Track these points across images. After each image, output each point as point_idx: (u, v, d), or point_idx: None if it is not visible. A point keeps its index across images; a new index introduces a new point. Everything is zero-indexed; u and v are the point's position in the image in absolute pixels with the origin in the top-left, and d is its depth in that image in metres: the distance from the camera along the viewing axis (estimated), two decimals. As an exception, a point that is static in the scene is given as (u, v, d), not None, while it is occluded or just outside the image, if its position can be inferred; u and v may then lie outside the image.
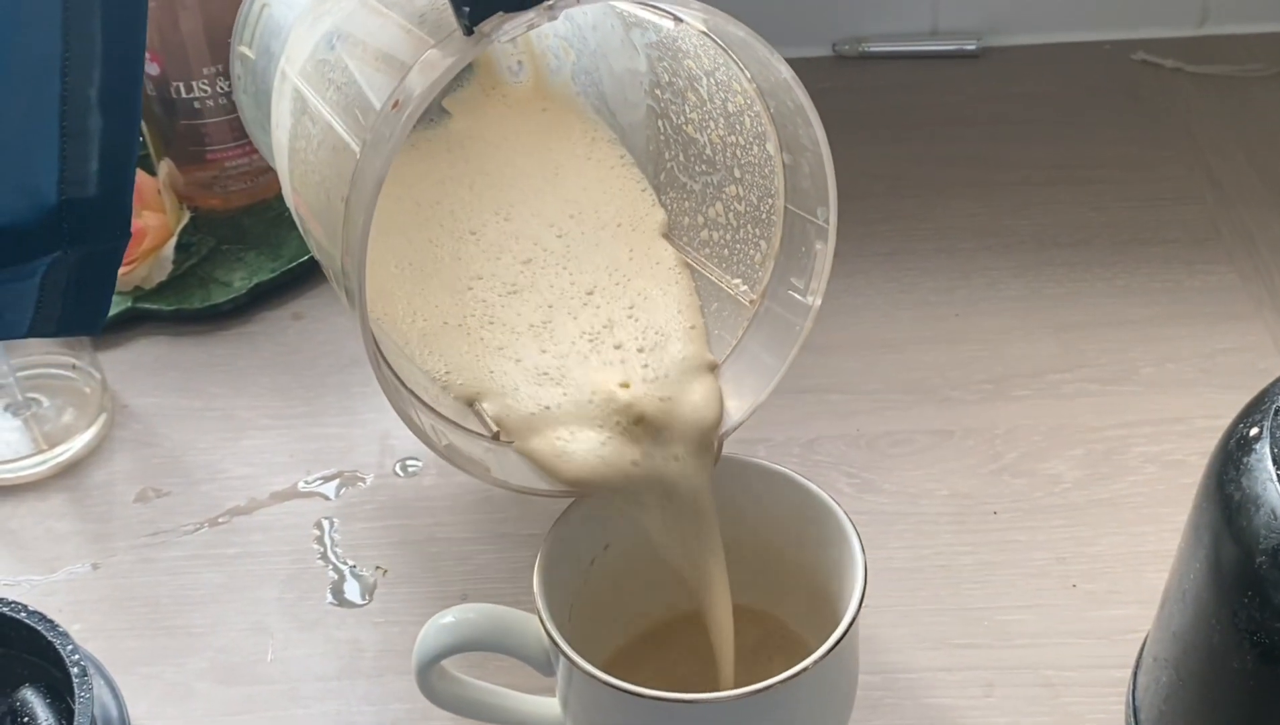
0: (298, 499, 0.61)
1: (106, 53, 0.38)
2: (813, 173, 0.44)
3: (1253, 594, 0.38)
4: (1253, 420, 0.40)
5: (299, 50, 0.45)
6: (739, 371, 0.48)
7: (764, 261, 0.47)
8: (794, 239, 0.47)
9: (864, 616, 0.44)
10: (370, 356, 0.41)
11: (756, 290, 0.48)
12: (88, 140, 0.40)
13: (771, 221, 0.46)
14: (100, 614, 0.57)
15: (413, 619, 0.54)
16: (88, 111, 0.39)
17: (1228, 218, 0.72)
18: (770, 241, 0.47)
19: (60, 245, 0.41)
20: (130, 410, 0.66)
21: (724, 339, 0.49)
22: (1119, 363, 0.64)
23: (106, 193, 0.41)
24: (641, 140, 0.50)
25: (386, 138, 0.38)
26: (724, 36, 0.41)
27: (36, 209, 0.40)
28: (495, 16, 0.37)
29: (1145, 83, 0.81)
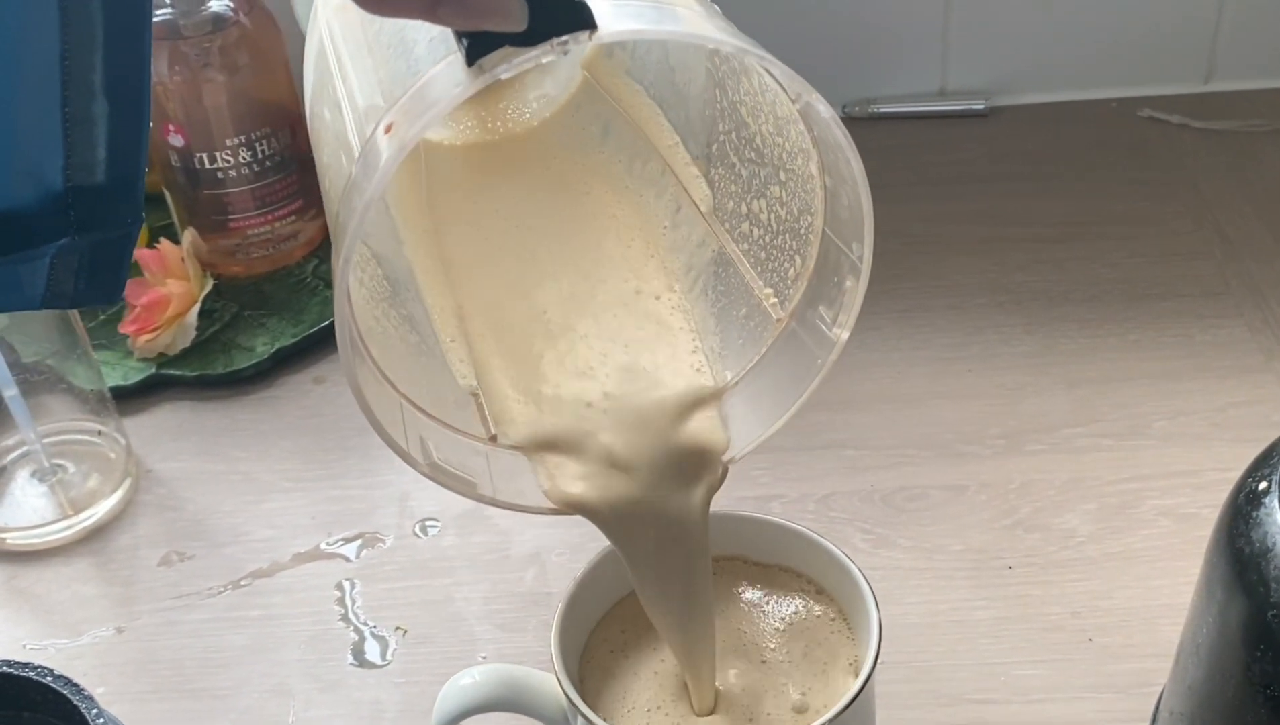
0: (319, 560, 0.62)
1: (109, 36, 0.37)
2: (851, 206, 0.43)
3: (1265, 648, 0.38)
4: (1261, 474, 0.41)
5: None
6: (755, 393, 0.47)
7: (796, 279, 0.46)
8: (828, 265, 0.45)
9: (880, 672, 0.44)
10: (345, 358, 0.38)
11: (786, 307, 0.46)
12: (93, 126, 0.39)
13: (808, 240, 0.45)
14: (125, 677, 0.57)
15: (432, 679, 0.54)
16: (91, 97, 0.38)
17: (1237, 271, 0.72)
18: (805, 260, 0.45)
19: (68, 232, 0.39)
20: (154, 475, 0.67)
21: (746, 351, 0.47)
22: (1131, 417, 0.65)
23: (116, 180, 0.39)
24: (699, 106, 0.47)
25: (374, 170, 0.35)
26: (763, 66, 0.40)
27: (42, 195, 0.39)
28: (500, 52, 0.33)
29: (1152, 139, 0.82)
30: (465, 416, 0.45)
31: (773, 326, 0.47)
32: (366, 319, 0.42)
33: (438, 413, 0.45)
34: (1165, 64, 0.85)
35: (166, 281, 0.71)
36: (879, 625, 0.44)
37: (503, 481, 0.45)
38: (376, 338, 0.42)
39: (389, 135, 0.35)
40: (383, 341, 0.43)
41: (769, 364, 0.47)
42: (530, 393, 0.44)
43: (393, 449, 0.42)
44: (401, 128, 0.35)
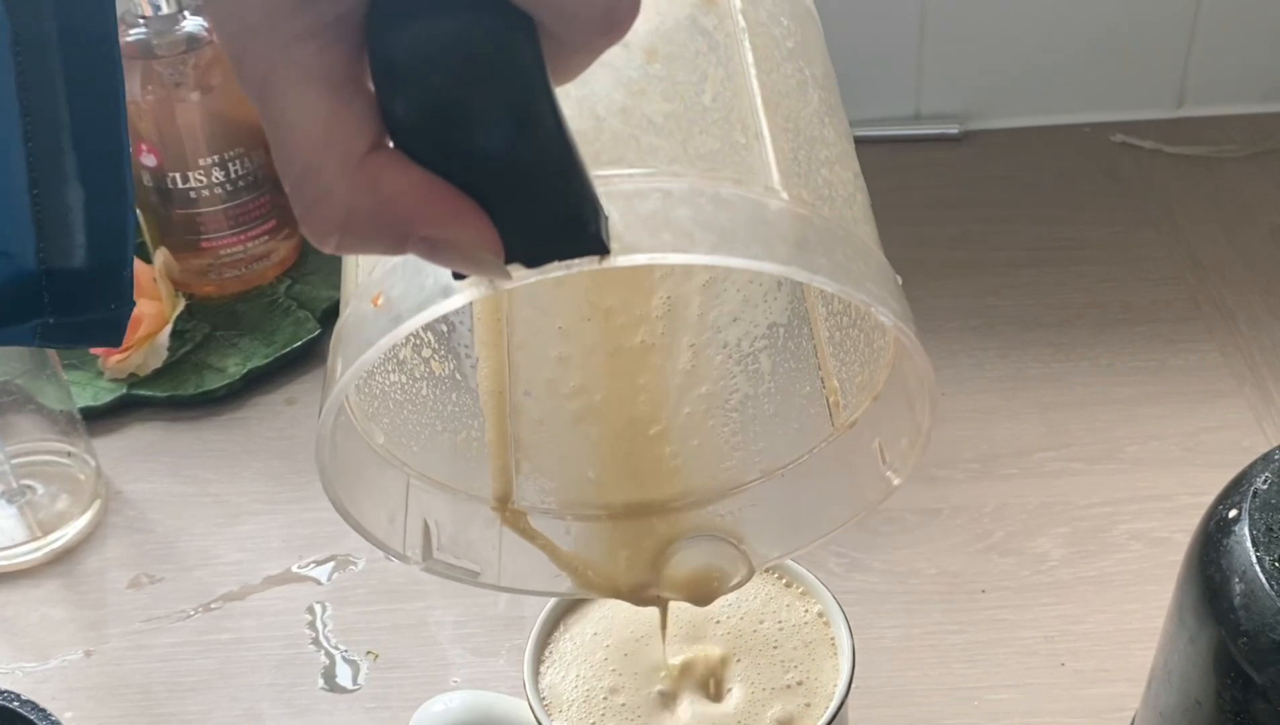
0: (290, 584, 0.61)
1: (76, 122, 0.37)
2: (919, 379, 0.39)
3: (1235, 675, 0.38)
4: (1231, 502, 0.41)
5: None
6: (791, 491, 0.44)
7: (861, 392, 0.42)
8: (892, 405, 0.42)
9: (853, 697, 0.44)
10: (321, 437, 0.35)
11: (845, 416, 0.43)
12: (68, 212, 0.38)
13: (879, 361, 0.42)
14: (93, 702, 0.57)
15: (404, 704, 0.54)
16: (63, 181, 0.38)
17: (1209, 296, 0.73)
18: (874, 376, 0.42)
19: (42, 313, 0.40)
20: (124, 496, 0.66)
21: (792, 435, 0.44)
22: (1104, 441, 0.65)
23: (99, 266, 0.39)
24: None
25: (366, 340, 0.30)
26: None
27: (13, 274, 0.38)
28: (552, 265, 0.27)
29: (1125, 164, 0.83)
30: (483, 478, 0.43)
31: (825, 426, 0.43)
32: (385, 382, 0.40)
33: (453, 480, 0.43)
34: (1138, 89, 0.85)
35: (138, 301, 0.70)
36: (852, 650, 0.44)
37: (511, 559, 0.44)
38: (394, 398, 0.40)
39: (378, 309, 0.31)
40: (400, 401, 0.41)
41: (809, 470, 0.44)
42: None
43: (387, 552, 0.41)
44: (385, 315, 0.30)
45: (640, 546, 0.44)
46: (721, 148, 0.31)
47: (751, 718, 0.43)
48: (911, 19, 0.83)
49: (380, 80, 0.24)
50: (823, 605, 0.46)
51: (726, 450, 0.44)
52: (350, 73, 0.24)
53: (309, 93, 0.24)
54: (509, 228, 0.25)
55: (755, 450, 0.44)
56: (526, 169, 0.24)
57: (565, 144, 0.24)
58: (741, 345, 0.43)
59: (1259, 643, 0.38)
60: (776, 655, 0.44)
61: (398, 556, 0.40)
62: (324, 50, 0.24)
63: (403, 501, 0.42)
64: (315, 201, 0.24)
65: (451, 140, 0.24)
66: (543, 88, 0.24)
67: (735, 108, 0.32)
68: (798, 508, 0.44)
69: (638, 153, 0.30)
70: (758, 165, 0.31)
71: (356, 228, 0.24)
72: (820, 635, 0.45)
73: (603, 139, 0.30)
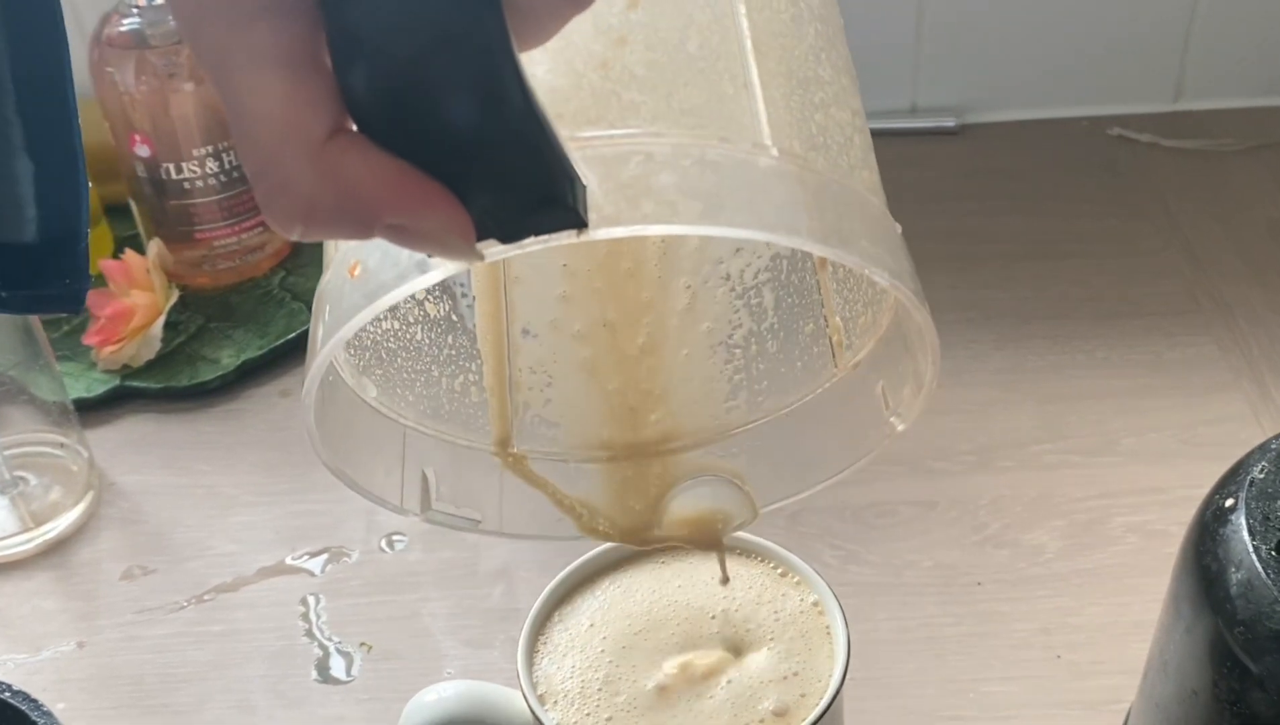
0: (284, 575, 0.61)
1: (20, 91, 0.37)
2: (920, 331, 0.38)
3: (1232, 664, 0.38)
4: (1228, 492, 0.41)
5: None
6: (794, 432, 0.43)
7: (864, 332, 0.42)
8: (896, 350, 0.41)
9: (849, 688, 0.44)
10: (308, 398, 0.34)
11: (848, 357, 0.42)
12: (16, 184, 0.38)
13: (882, 305, 0.41)
14: (86, 693, 0.57)
15: (397, 696, 0.54)
16: (11, 154, 0.38)
17: (1205, 289, 0.73)
18: (877, 318, 0.41)
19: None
20: (117, 488, 0.66)
21: (796, 375, 0.43)
22: (1100, 434, 0.65)
23: (51, 241, 0.39)
24: None
25: (342, 315, 0.30)
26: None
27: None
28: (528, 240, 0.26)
29: (1122, 158, 0.83)
30: (482, 424, 0.43)
31: (829, 367, 0.43)
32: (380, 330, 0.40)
33: (451, 427, 0.42)
34: (1135, 83, 0.85)
35: (131, 292, 0.70)
36: (847, 640, 0.44)
37: (512, 506, 0.44)
38: (387, 347, 0.39)
39: (354, 280, 0.30)
40: (394, 350, 0.40)
41: (811, 413, 0.43)
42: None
43: (384, 505, 0.40)
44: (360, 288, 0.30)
45: (644, 489, 0.43)
46: (708, 101, 0.29)
47: (747, 709, 0.43)
48: (909, 12, 0.83)
49: (337, 54, 0.23)
50: (818, 595, 0.45)
51: (730, 389, 0.44)
52: (307, 51, 0.23)
53: (265, 73, 0.23)
54: (480, 206, 0.24)
55: (758, 390, 0.44)
56: (494, 146, 0.23)
57: (535, 117, 0.23)
58: (745, 277, 0.42)
59: (1256, 632, 0.37)
60: (772, 646, 0.44)
61: (395, 509, 0.40)
62: (279, 29, 0.23)
63: (399, 455, 0.41)
64: (276, 192, 0.24)
65: (414, 116, 0.23)
66: (508, 58, 0.22)
67: (722, 55, 0.30)
68: (801, 450, 0.43)
69: (619, 111, 0.29)
70: (746, 119, 0.30)
71: (319, 218, 0.24)
72: (816, 626, 0.45)
73: (581, 96, 0.28)
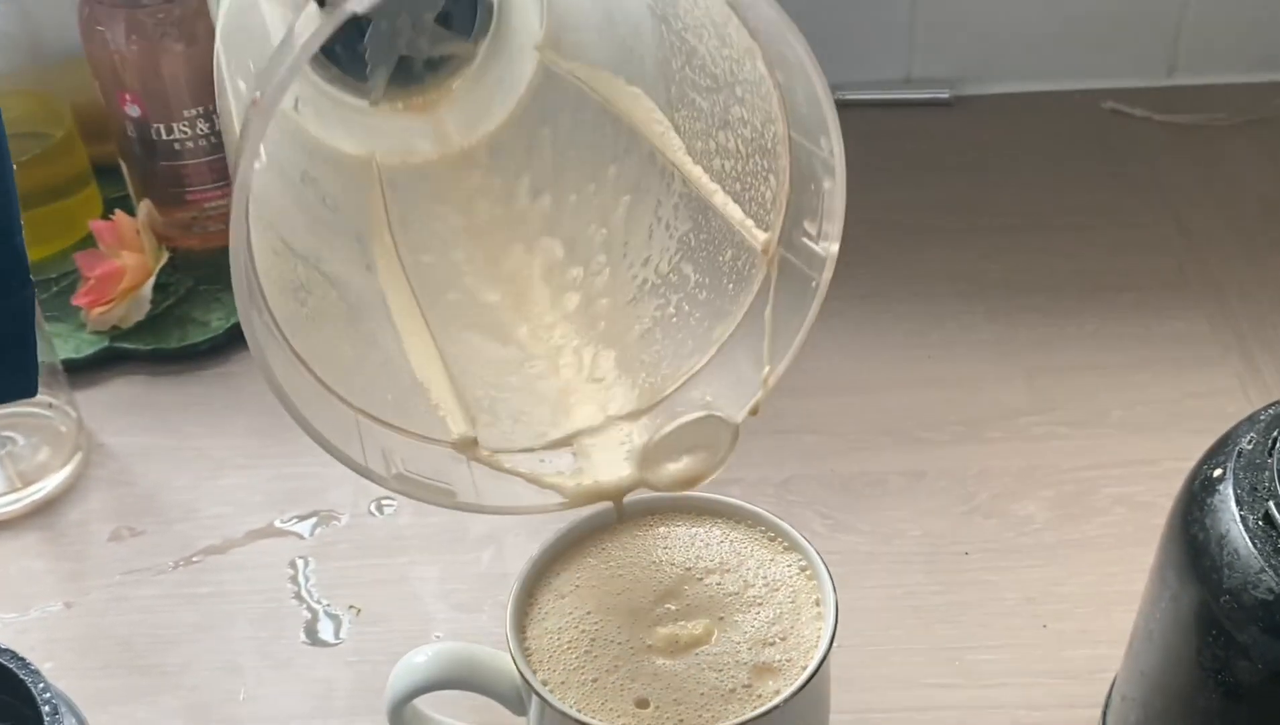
0: (272, 538, 0.61)
1: None
2: (808, 97, 0.40)
3: (1217, 633, 0.38)
4: (1216, 462, 0.41)
5: None
6: (757, 334, 0.45)
7: (775, 201, 0.43)
8: (802, 174, 0.43)
9: (836, 655, 0.44)
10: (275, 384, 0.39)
11: (771, 236, 0.43)
12: None
13: (777, 151, 0.42)
14: (73, 653, 0.57)
15: (386, 658, 0.54)
16: None
17: (1196, 264, 0.73)
18: (779, 175, 0.43)
19: None
20: (106, 449, 0.66)
21: (739, 295, 0.45)
22: (1089, 406, 0.65)
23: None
24: (651, 50, 0.45)
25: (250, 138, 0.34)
26: None
27: None
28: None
29: (1115, 131, 0.83)
30: (437, 422, 0.44)
31: (761, 260, 0.44)
32: (317, 343, 0.41)
33: (403, 423, 0.44)
34: (1129, 57, 0.85)
35: (121, 253, 0.70)
36: (835, 605, 0.44)
37: (488, 482, 0.44)
38: (325, 357, 0.41)
39: (255, 108, 0.34)
40: (337, 360, 0.42)
41: (766, 302, 0.45)
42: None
43: (348, 464, 0.41)
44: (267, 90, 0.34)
45: (622, 454, 0.44)
46: None
47: (732, 672, 0.43)
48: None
49: None
50: (806, 560, 0.46)
51: (683, 351, 0.45)
52: None
53: None
54: None
55: (704, 330, 0.45)
56: None
57: None
58: (661, 269, 0.44)
59: (1241, 601, 0.38)
60: (759, 610, 0.44)
61: (360, 470, 0.40)
62: None
63: (356, 432, 0.42)
64: None
65: None
66: None
67: None
68: (755, 347, 0.45)
69: None
70: None
71: None
72: (803, 591, 0.45)
73: None
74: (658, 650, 0.44)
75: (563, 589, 0.46)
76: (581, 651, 0.44)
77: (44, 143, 0.74)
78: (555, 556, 0.47)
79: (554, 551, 0.47)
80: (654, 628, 0.44)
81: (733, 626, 0.44)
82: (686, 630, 0.44)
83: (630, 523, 0.48)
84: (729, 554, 0.46)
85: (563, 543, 0.47)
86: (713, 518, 0.48)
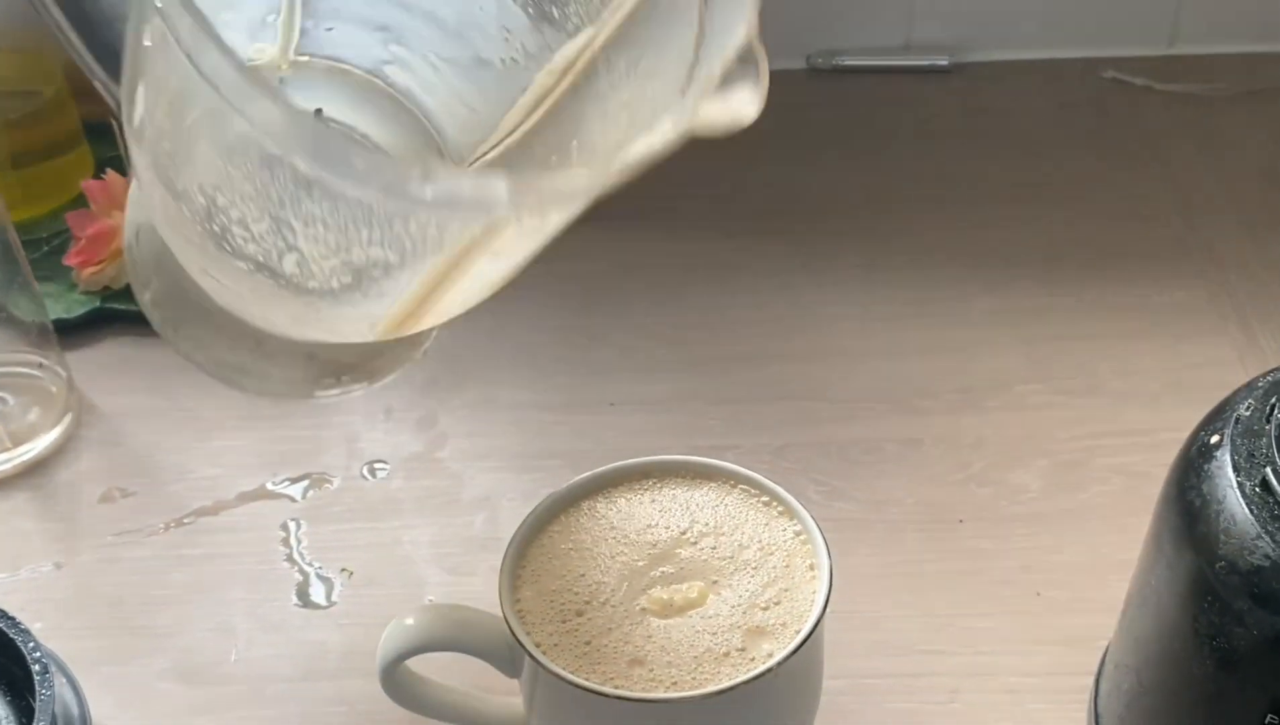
0: (264, 500, 0.61)
1: None
2: None
3: (1212, 599, 0.38)
4: (1214, 428, 0.41)
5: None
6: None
7: None
8: None
9: (830, 622, 0.44)
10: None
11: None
12: None
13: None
14: (63, 613, 0.56)
15: (377, 621, 0.53)
16: None
17: (1195, 235, 0.72)
18: None
19: None
20: (97, 410, 0.65)
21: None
22: (1086, 376, 0.65)
23: None
24: None
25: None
26: None
27: None
28: None
29: (1115, 100, 0.82)
30: None
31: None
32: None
33: None
34: (1130, 26, 0.84)
35: (113, 213, 0.69)
36: (830, 569, 0.44)
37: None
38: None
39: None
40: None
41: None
42: None
43: None
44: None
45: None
46: None
47: (726, 635, 0.43)
48: (905, -52, 0.82)
49: None
50: (801, 525, 0.45)
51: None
52: None
53: None
54: None
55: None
56: None
57: None
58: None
59: (1237, 567, 0.37)
60: (754, 574, 0.44)
61: None
62: None
63: None
64: None
65: None
66: None
67: None
68: None
69: None
70: None
71: None
72: (799, 555, 0.45)
73: None
74: (651, 613, 0.43)
75: (556, 551, 0.46)
76: (575, 614, 0.43)
77: (35, 101, 0.74)
78: (549, 519, 0.47)
79: (548, 514, 0.47)
80: (648, 590, 0.44)
81: (727, 590, 0.44)
82: (681, 593, 0.44)
83: (624, 486, 0.48)
84: (724, 518, 0.46)
85: (557, 505, 0.47)
86: (708, 481, 0.47)
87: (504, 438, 0.63)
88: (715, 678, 0.41)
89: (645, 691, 0.41)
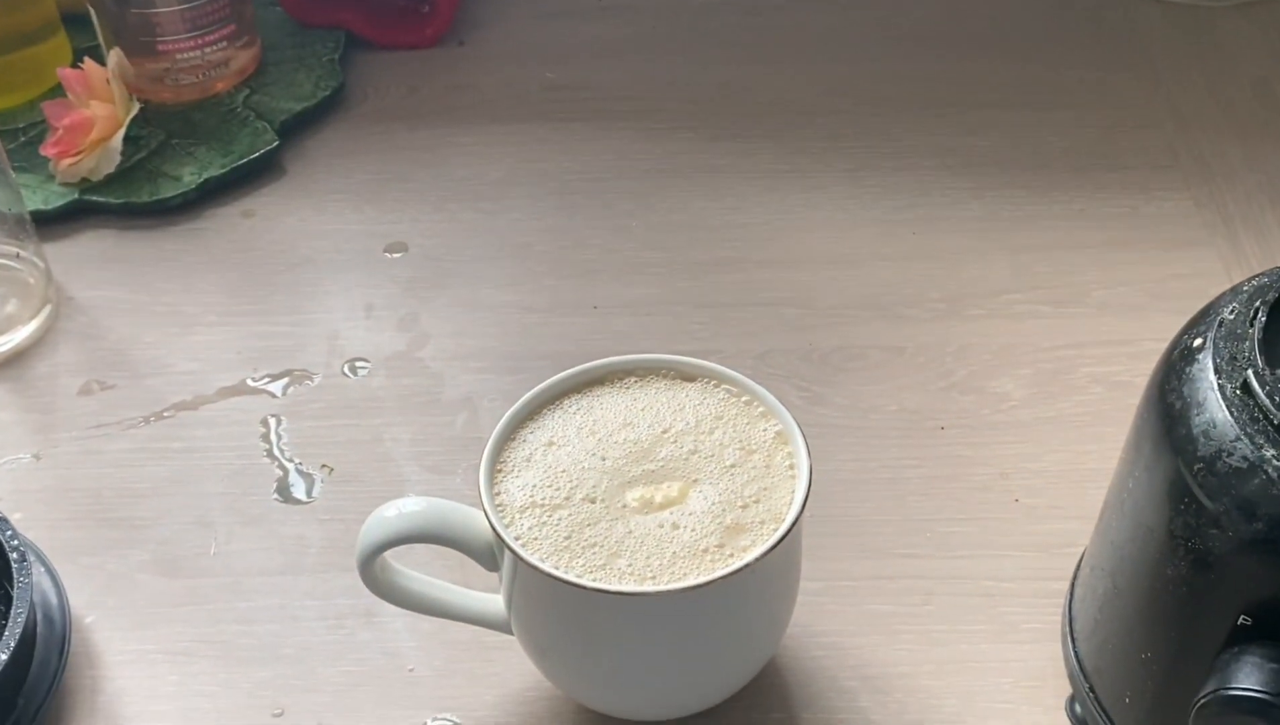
0: (245, 396, 0.61)
1: None
2: None
3: (1189, 501, 0.38)
4: (1197, 332, 0.41)
5: None
6: None
7: None
8: None
9: (809, 524, 0.44)
10: None
11: None
12: None
13: None
14: (42, 504, 0.56)
15: (357, 516, 0.53)
16: None
17: (1186, 145, 0.72)
18: None
19: None
20: (75, 303, 0.65)
21: None
22: (1071, 285, 0.64)
23: None
24: None
25: None
26: None
27: None
28: None
29: (1110, 9, 0.81)
30: None
31: None
32: None
33: None
34: (1129, -67, 0.83)
35: (90, 103, 0.68)
36: (809, 468, 0.44)
37: None
38: None
39: None
40: None
41: None
42: None
43: None
44: None
45: None
46: None
47: (704, 531, 0.43)
48: None
49: None
50: (783, 424, 0.45)
51: None
52: None
53: None
54: None
55: None
56: None
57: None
58: None
59: (1214, 469, 0.37)
60: (734, 473, 0.44)
61: None
62: None
63: None
64: None
65: None
66: None
67: None
68: None
69: None
70: None
71: None
72: (778, 454, 0.45)
73: None
74: (632, 509, 0.43)
75: (537, 446, 0.45)
76: (555, 508, 0.43)
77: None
78: (531, 414, 0.46)
79: (530, 409, 0.46)
80: (628, 487, 0.44)
81: (707, 487, 0.44)
82: (661, 491, 0.44)
83: (607, 384, 0.47)
84: (705, 417, 0.46)
85: (538, 401, 0.47)
86: (690, 382, 0.47)
87: (486, 338, 0.63)
88: (693, 573, 0.42)
89: (623, 585, 0.41)
